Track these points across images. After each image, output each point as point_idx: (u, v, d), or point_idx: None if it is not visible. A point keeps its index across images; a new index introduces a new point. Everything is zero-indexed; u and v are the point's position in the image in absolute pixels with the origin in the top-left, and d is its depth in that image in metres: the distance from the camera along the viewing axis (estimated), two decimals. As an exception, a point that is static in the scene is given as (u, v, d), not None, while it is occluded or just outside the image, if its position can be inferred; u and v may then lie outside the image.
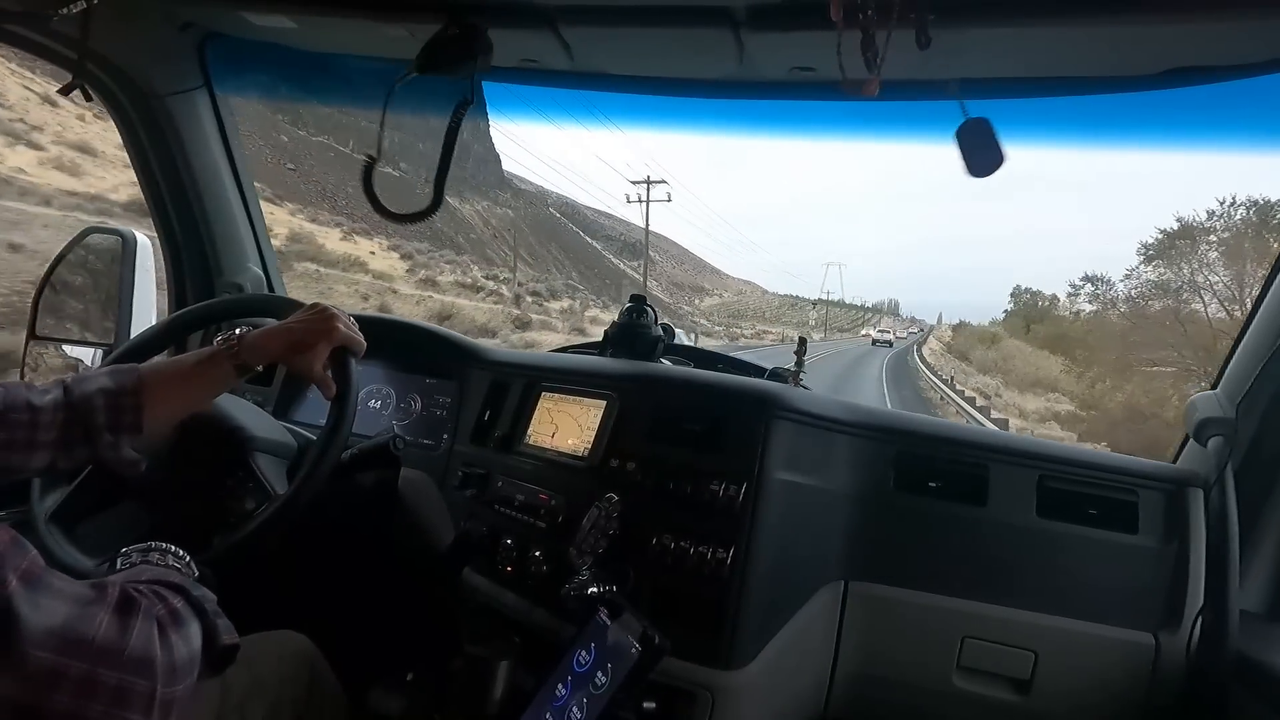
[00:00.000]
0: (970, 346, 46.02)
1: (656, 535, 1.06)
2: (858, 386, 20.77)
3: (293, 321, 1.05)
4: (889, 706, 1.19)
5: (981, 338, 45.38)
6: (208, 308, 1.29)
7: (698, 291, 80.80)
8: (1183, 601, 1.08)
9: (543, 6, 1.05)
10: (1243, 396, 1.10)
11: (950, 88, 1.07)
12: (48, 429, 0.85)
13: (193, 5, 1.27)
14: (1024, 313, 66.64)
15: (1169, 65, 1.00)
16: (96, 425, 0.87)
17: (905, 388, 21.67)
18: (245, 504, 1.02)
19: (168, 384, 0.94)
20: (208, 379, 0.98)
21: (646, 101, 1.36)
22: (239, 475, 1.04)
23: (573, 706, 0.87)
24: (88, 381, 0.89)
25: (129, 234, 1.57)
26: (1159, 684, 1.08)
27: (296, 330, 1.03)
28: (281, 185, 38.96)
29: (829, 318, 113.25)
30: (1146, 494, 1.12)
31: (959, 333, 76.61)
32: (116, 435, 0.89)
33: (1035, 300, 75.20)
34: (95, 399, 0.88)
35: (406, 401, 1.51)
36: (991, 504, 1.14)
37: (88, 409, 0.87)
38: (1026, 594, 1.11)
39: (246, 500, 1.03)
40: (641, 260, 73.21)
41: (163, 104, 1.46)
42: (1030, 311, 66.31)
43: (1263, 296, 1.14)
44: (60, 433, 0.86)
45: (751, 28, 1.02)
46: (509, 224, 42.74)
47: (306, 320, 1.04)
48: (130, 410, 0.89)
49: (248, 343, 1.00)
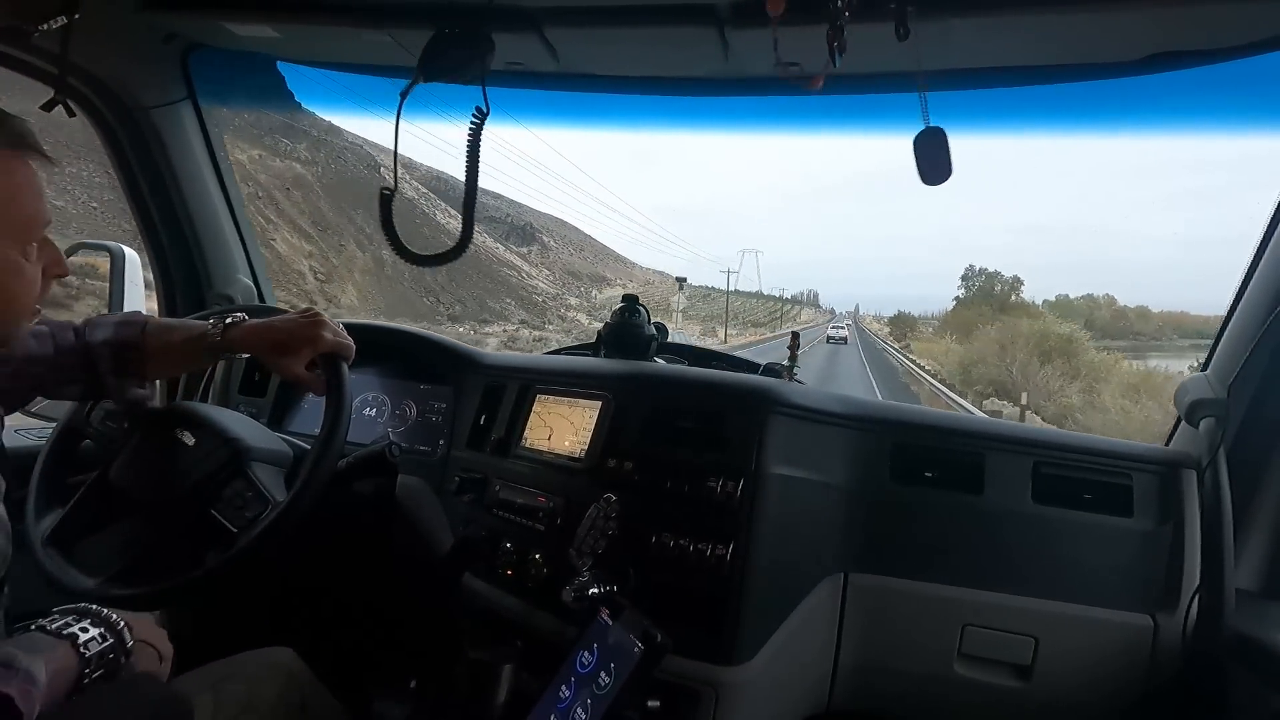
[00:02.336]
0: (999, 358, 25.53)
1: (655, 534, 1.06)
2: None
3: (280, 321, 1.07)
4: (892, 697, 1.20)
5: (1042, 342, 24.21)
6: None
7: (598, 281, 74.64)
8: (1179, 582, 1.09)
9: (528, 9, 1.05)
10: (1233, 378, 1.11)
11: (933, 80, 1.07)
12: (74, 369, 1.00)
13: (175, 17, 1.27)
14: (984, 299, 64.09)
15: (1152, 50, 1.01)
16: (103, 371, 1.00)
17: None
18: (245, 513, 1.02)
19: (165, 345, 1.04)
20: (194, 350, 1.06)
21: (633, 101, 1.36)
22: (237, 486, 1.04)
23: (577, 708, 0.87)
24: (97, 330, 1.01)
25: (116, 249, 1.56)
26: (1158, 664, 1.08)
27: (281, 331, 1.05)
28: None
29: (745, 310, 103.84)
30: (1140, 477, 1.13)
31: (898, 324, 73.34)
32: (120, 380, 1.01)
33: (991, 283, 71.80)
34: (102, 349, 1.00)
35: (401, 408, 1.50)
36: (988, 492, 1.15)
37: (96, 356, 1.00)
38: (1025, 580, 1.12)
39: (246, 509, 1.02)
40: (531, 247, 66.92)
41: (147, 117, 1.45)
42: (993, 298, 63.86)
43: (1248, 279, 1.15)
44: (81, 372, 1.00)
45: (735, 25, 1.02)
46: (291, 181, 34.92)
47: (293, 322, 1.07)
48: (133, 361, 1.01)
49: (232, 336, 1.04)
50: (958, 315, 59.35)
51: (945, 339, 43.18)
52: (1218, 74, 1.03)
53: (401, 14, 1.09)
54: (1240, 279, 1.17)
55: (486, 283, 51.19)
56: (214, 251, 1.63)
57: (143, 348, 1.01)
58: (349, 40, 1.24)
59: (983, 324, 36.66)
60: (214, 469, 1.04)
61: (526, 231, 70.68)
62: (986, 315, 48.29)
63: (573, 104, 1.40)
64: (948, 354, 34.08)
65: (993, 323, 34.43)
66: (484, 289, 49.86)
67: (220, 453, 1.05)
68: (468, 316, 41.89)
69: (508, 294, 52.44)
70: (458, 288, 46.25)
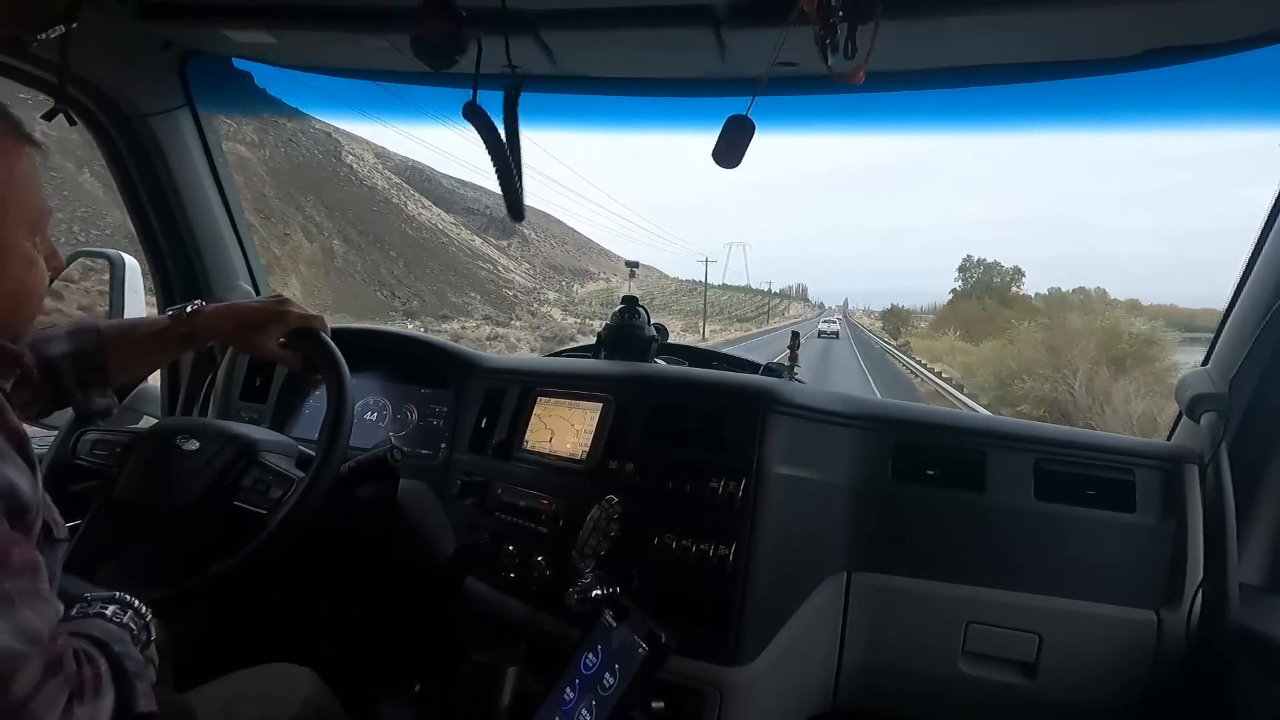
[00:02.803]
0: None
1: (658, 535, 1.06)
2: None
3: (246, 303, 1.10)
4: (896, 695, 1.20)
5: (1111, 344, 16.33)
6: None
7: (580, 275, 72.20)
8: (1183, 577, 1.09)
9: (524, 12, 1.05)
10: (1234, 372, 1.11)
11: (929, 78, 1.08)
12: (37, 387, 0.95)
13: (172, 25, 1.27)
14: (983, 291, 56.97)
15: (1147, 46, 1.01)
16: (66, 385, 0.97)
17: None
18: (270, 495, 1.05)
19: (125, 348, 1.02)
20: (159, 347, 1.06)
21: (630, 103, 1.37)
22: (255, 474, 1.08)
23: (582, 709, 0.87)
24: (51, 344, 0.97)
25: (116, 256, 1.57)
26: (1162, 659, 1.08)
27: (248, 311, 1.08)
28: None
29: (731, 305, 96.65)
30: (1143, 472, 1.13)
31: (891, 319, 67.69)
32: (85, 391, 0.99)
33: (990, 274, 64.11)
34: (62, 363, 0.97)
35: (403, 412, 1.51)
36: (990, 489, 1.15)
37: (57, 371, 0.96)
38: (1028, 577, 1.12)
39: (270, 491, 1.06)
40: (512, 240, 64.24)
41: (146, 124, 1.45)
42: (992, 290, 56.54)
43: (1248, 273, 1.16)
44: (45, 389, 0.96)
45: (732, 25, 1.02)
46: (232, 164, 33.04)
47: (259, 302, 1.10)
48: (95, 369, 0.99)
49: (200, 320, 1.05)
50: (957, 309, 54.50)
51: (949, 335, 38.13)
52: (1211, 69, 1.03)
53: (396, 17, 1.09)
54: (1240, 273, 1.18)
55: (450, 275, 48.86)
56: (214, 258, 1.63)
57: (102, 353, 1.00)
58: (346, 45, 1.24)
59: (996, 320, 31.51)
60: (225, 465, 1.07)
61: (507, 224, 65.21)
62: (990, 309, 44.68)
63: (569, 106, 1.41)
64: (953, 353, 28.22)
65: (1028, 319, 24.25)
66: (446, 282, 47.66)
67: (228, 450, 1.08)
68: (425, 312, 39.96)
69: (474, 287, 50.13)
70: (416, 281, 44.15)
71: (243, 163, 34.09)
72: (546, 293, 58.70)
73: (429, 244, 50.52)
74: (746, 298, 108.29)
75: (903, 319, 66.99)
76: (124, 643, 0.70)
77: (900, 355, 31.95)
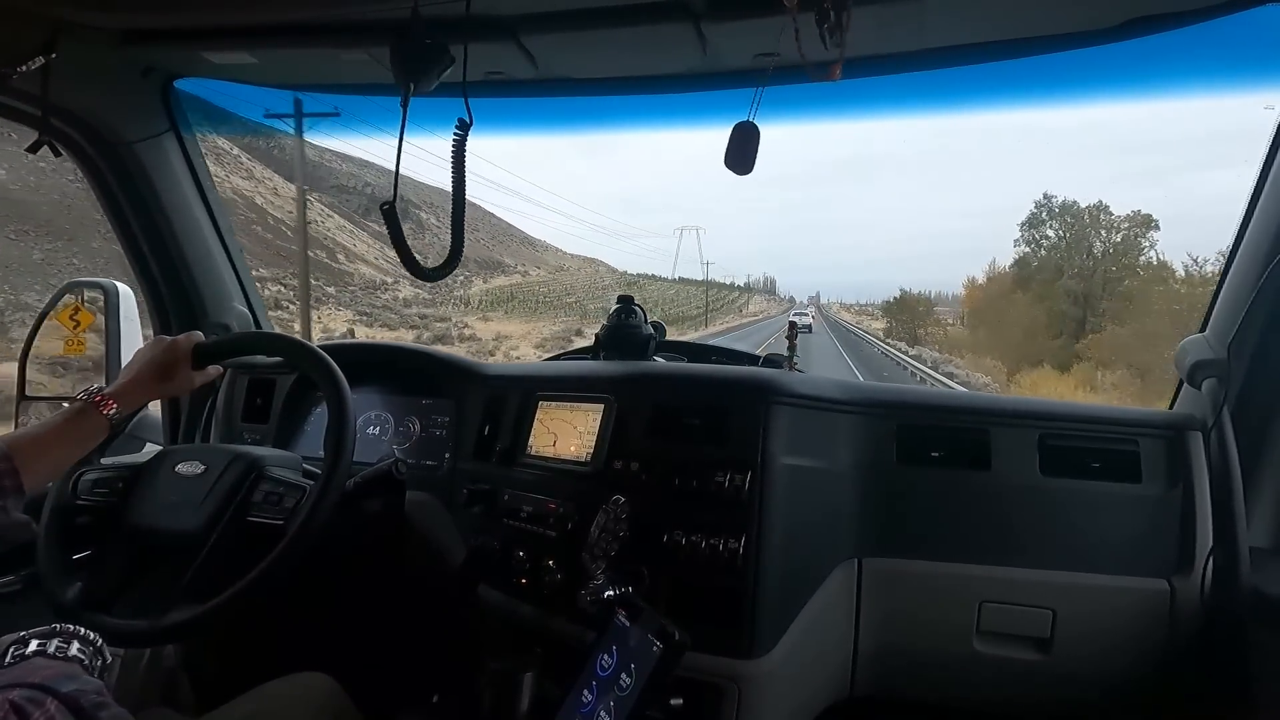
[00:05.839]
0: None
1: (667, 532, 1.06)
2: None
3: (138, 361, 1.12)
4: (913, 678, 1.20)
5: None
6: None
7: (490, 268, 58.87)
8: (1193, 544, 1.09)
9: (503, 18, 1.05)
10: (1232, 337, 1.11)
11: (904, 60, 1.07)
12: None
13: (153, 50, 1.27)
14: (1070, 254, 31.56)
15: (1127, 16, 1.01)
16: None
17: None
18: (284, 504, 1.07)
19: (37, 447, 0.98)
20: (80, 434, 1.03)
21: (612, 103, 1.37)
22: (265, 488, 1.10)
23: (600, 711, 0.87)
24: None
25: (110, 285, 1.56)
26: (1177, 627, 1.08)
27: (147, 365, 1.11)
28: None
29: (675, 300, 72.89)
30: (1147, 442, 1.13)
31: (900, 314, 45.55)
32: (4, 502, 0.92)
33: (1094, 226, 32.34)
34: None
35: (405, 425, 1.50)
36: (995, 467, 1.15)
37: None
38: (1039, 553, 1.12)
39: (284, 501, 1.08)
40: (407, 223, 56.23)
41: (131, 151, 1.45)
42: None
43: (1240, 237, 1.16)
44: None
45: (711, 19, 1.02)
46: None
47: (148, 353, 1.13)
48: (7, 475, 0.92)
49: (114, 393, 1.05)
50: (1032, 291, 30.90)
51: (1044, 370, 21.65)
52: (1192, 35, 1.03)
53: (377, 32, 1.09)
54: (1233, 238, 1.18)
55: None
56: (207, 281, 1.63)
57: (12, 459, 0.94)
58: (327, 61, 1.24)
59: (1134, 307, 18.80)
60: (234, 484, 1.09)
61: (398, 208, 57.24)
62: (1128, 289, 26.33)
63: (552, 109, 1.40)
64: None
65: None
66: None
67: (234, 468, 1.10)
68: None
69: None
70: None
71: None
72: (445, 293, 45.78)
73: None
74: (699, 292, 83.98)
75: (915, 312, 45.20)
76: (74, 678, 0.68)
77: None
